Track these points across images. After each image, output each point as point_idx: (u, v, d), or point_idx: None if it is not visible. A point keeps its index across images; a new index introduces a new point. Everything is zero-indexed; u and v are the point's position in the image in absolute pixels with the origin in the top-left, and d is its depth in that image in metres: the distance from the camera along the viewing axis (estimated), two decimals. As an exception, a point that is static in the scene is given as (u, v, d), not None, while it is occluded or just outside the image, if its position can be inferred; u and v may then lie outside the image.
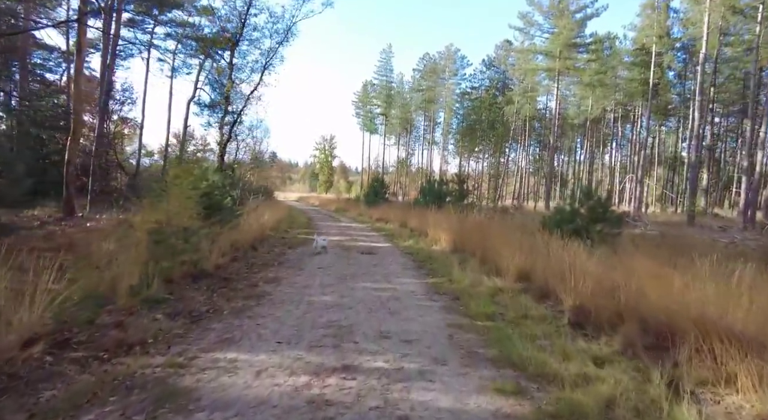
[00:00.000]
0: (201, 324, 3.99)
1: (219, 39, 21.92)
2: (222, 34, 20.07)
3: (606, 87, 30.63)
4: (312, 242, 10.25)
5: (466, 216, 11.10)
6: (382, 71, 46.47)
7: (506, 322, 4.31)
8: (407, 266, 7.35)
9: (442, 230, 10.43)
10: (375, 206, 22.94)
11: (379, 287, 5.58)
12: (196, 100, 27.86)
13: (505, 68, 41.19)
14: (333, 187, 67.76)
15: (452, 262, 7.56)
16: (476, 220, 10.32)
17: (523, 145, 44.72)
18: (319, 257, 7.95)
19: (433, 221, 11.80)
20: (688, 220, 17.35)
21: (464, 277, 6.10)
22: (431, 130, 48.94)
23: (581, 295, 4.38)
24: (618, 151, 37.76)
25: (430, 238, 10.64)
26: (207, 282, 5.66)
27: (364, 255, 8.41)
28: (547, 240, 6.49)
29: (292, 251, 8.73)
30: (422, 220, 13.19)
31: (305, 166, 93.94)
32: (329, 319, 4.14)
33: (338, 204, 31.83)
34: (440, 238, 10.13)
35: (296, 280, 5.90)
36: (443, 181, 16.89)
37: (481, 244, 7.83)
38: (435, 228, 10.91)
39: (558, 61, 27.55)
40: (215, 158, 27.46)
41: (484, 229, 8.84)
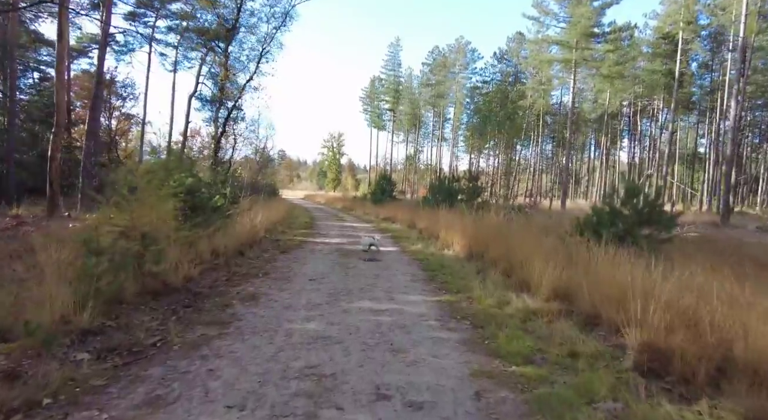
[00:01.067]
0: (134, 368, 2.93)
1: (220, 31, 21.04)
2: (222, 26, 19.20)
3: (624, 79, 29.10)
4: (309, 245, 9.18)
5: (481, 216, 9.94)
6: (390, 66, 45.30)
7: (550, 364, 3.18)
8: (416, 277, 6.22)
9: (455, 233, 9.29)
10: (382, 205, 21.84)
11: (380, 308, 4.47)
12: (198, 95, 27.03)
13: (518, 61, 39.77)
14: (341, 185, 66.88)
15: (469, 273, 6.43)
16: (494, 221, 9.16)
17: (535, 142, 43.27)
18: (313, 265, 6.86)
19: (444, 222, 10.66)
20: (722, 219, 15.96)
21: (486, 294, 4.97)
22: (440, 126, 47.70)
23: (649, 327, 3.23)
24: (637, 146, 36.04)
25: (442, 242, 9.50)
26: (170, 300, 4.61)
27: (365, 262, 7.30)
28: (586, 247, 5.34)
29: (285, 257, 7.66)
30: (432, 221, 12.05)
31: (314, 165, 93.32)
32: (308, 362, 3.04)
33: (344, 202, 30.79)
34: (453, 242, 8.99)
35: (279, 298, 4.81)
36: (454, 178, 15.72)
37: (503, 250, 6.68)
38: (447, 230, 9.77)
39: (575, 51, 26.11)
40: (226, 157, 26.60)
41: (505, 233, 7.68)
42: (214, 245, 7.18)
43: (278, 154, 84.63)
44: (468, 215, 10.63)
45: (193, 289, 5.09)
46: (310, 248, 8.83)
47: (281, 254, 7.96)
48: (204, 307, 4.43)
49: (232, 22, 13.25)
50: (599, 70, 27.11)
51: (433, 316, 4.25)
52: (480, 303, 4.74)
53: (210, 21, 21.70)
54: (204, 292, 5.01)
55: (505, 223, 9.13)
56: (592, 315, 4.14)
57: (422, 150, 55.25)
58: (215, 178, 11.09)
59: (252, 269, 6.44)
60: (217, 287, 5.32)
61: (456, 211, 13.05)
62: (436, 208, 13.89)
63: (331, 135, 71.70)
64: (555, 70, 35.77)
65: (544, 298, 4.83)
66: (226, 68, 13.32)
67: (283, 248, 8.67)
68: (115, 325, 3.72)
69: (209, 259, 6.67)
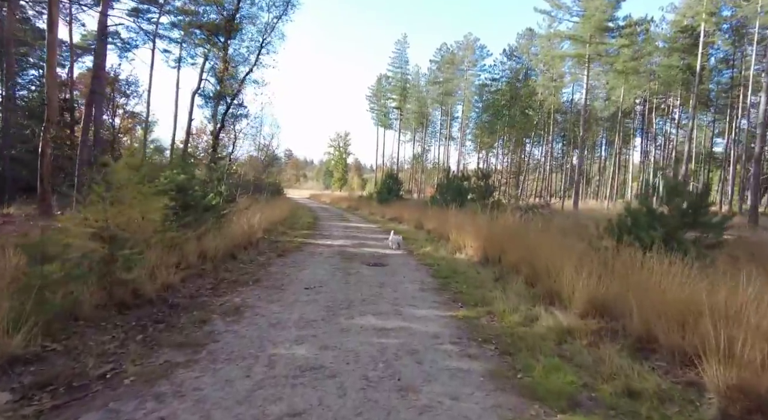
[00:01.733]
0: (65, 414, 2.25)
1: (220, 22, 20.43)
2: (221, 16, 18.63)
3: (639, 75, 28.11)
4: (309, 247, 8.51)
5: (495, 217, 9.19)
6: (397, 63, 44.53)
7: (603, 409, 2.45)
8: (426, 285, 5.50)
9: (467, 234, 8.55)
10: (388, 204, 21.14)
11: (386, 327, 3.76)
12: (201, 92, 26.62)
13: (528, 58, 38.80)
14: (347, 184, 66.30)
15: (486, 281, 5.69)
16: (509, 222, 8.40)
17: (545, 140, 42.30)
18: (311, 271, 6.16)
19: (454, 223, 9.93)
20: (750, 221, 15.04)
21: (509, 308, 4.24)
22: (448, 124, 46.86)
23: (739, 362, 2.48)
24: (651, 144, 34.87)
25: (453, 244, 8.77)
26: (140, 313, 3.94)
27: (370, 267, 6.59)
28: (629, 253, 4.58)
29: (281, 261, 6.97)
30: (441, 221, 11.32)
31: (320, 164, 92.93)
32: (291, 407, 2.33)
33: (350, 202, 30.14)
34: (465, 245, 8.25)
35: (267, 312, 4.12)
36: (464, 176, 14.96)
37: (524, 255, 5.94)
38: (458, 231, 9.04)
39: (588, 46, 25.19)
40: (225, 153, 26.06)
41: (524, 235, 6.93)
42: (203, 248, 6.52)
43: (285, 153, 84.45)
44: (480, 216, 9.90)
45: (170, 299, 4.41)
46: (310, 251, 8.15)
47: (278, 258, 7.27)
48: (178, 323, 3.75)
49: (232, 12, 12.62)
50: (613, 65, 26.15)
51: (449, 338, 3.53)
52: (504, 319, 4.01)
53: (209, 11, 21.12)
54: (182, 304, 4.33)
55: (522, 225, 8.38)
56: (644, 337, 3.39)
57: (429, 149, 54.53)
58: (211, 175, 10.46)
59: (243, 275, 5.76)
60: (199, 297, 4.64)
61: (466, 211, 12.32)
62: (445, 207, 13.17)
63: (337, 134, 71.21)
64: (566, 67, 34.86)
65: (578, 313, 4.09)
66: (225, 61, 12.68)
67: (281, 251, 7.99)
68: (61, 349, 3.04)
69: (196, 263, 6.01)
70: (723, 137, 38.97)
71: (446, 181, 14.79)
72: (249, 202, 11.45)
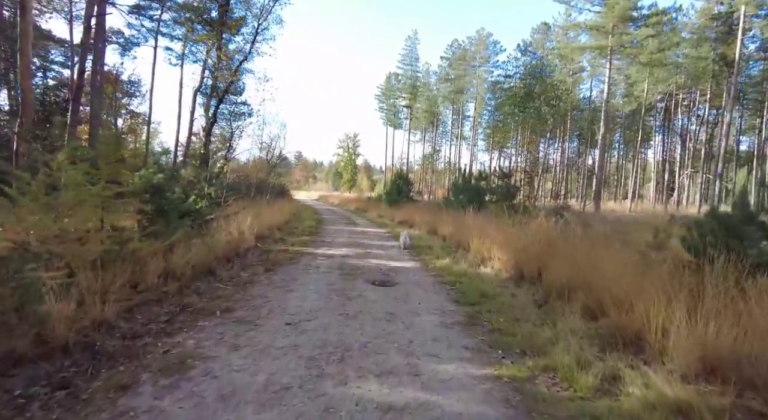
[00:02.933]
0: None
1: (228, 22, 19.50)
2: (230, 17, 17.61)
3: (665, 68, 26.41)
4: (306, 258, 7.27)
5: (522, 222, 7.84)
6: (407, 60, 43.21)
7: None
8: (449, 316, 4.18)
9: (491, 243, 7.22)
10: (398, 206, 19.85)
11: (395, 403, 2.44)
12: (203, 90, 25.71)
13: (543, 53, 37.21)
14: (356, 185, 65.19)
15: (527, 309, 4.36)
16: (543, 228, 7.04)
17: (560, 139, 40.61)
18: (301, 293, 4.87)
19: (475, 228, 8.60)
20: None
21: (575, 362, 2.91)
22: (459, 124, 45.36)
23: None
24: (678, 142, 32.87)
25: (475, 254, 7.44)
26: (37, 373, 2.70)
27: (375, 287, 5.29)
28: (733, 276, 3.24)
29: (268, 278, 5.70)
30: (458, 226, 9.99)
31: (330, 166, 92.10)
32: None
33: (358, 203, 28.91)
34: (491, 256, 6.92)
35: (224, 367, 2.84)
36: (481, 175, 13.59)
37: (573, 272, 4.60)
38: (480, 238, 7.71)
39: (610, 37, 23.60)
40: (221, 152, 25.01)
41: (570, 246, 5.58)
42: (171, 263, 5.30)
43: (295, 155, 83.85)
44: (507, 220, 8.56)
45: (94, 345, 3.17)
46: (306, 263, 6.88)
47: (265, 273, 6.01)
48: (87, 390, 2.51)
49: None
50: (636, 58, 24.50)
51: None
52: (573, 384, 2.67)
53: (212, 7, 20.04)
54: (111, 351, 3.09)
55: (558, 232, 7.01)
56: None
57: (440, 149, 53.11)
58: (198, 175, 9.27)
59: (213, 301, 4.51)
60: (141, 338, 3.39)
61: (487, 214, 10.96)
62: (461, 210, 11.84)
63: (346, 135, 70.10)
64: (584, 61, 33.26)
65: (681, 370, 2.75)
66: (219, 49, 11.52)
67: (271, 263, 6.73)
68: None
69: (157, 284, 4.77)
70: (748, 134, 36.93)
71: (462, 181, 13.43)
72: (244, 205, 10.24)
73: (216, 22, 17.75)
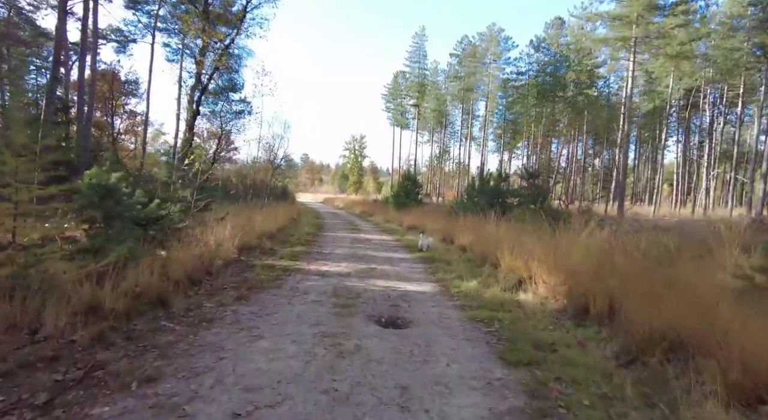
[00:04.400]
0: None
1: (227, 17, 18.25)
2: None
3: (692, 61, 24.61)
4: (294, 278, 5.76)
5: (564, 231, 6.25)
6: (414, 57, 41.67)
7: None
8: (500, 399, 2.61)
9: (530, 258, 5.66)
10: (406, 210, 18.33)
11: None
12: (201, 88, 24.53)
13: (557, 49, 35.53)
14: (362, 188, 63.79)
15: (614, 374, 2.80)
16: (600, 241, 5.46)
17: (574, 138, 38.85)
18: (271, 343, 3.32)
19: (504, 238, 7.05)
20: None
21: None
22: (469, 123, 43.71)
23: None
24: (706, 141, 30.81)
25: (508, 273, 5.88)
26: None
27: (380, 330, 3.75)
28: None
29: (234, 313, 4.18)
30: (480, 235, 8.44)
31: (336, 168, 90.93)
32: None
33: (364, 206, 27.41)
34: (531, 275, 5.34)
35: None
36: (501, 175, 12.01)
37: (683, 315, 3.04)
38: (513, 252, 6.15)
39: (634, 27, 21.89)
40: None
41: (654, 270, 4.01)
42: (100, 294, 3.81)
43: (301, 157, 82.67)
44: (540, 228, 7.00)
45: None
46: (292, 286, 5.36)
47: (235, 303, 4.50)
48: None
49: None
50: (663, 50, 22.73)
51: None
52: None
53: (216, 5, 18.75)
54: None
55: (620, 245, 5.42)
56: None
57: (448, 150, 51.54)
58: (171, 175, 7.81)
59: (139, 358, 3.00)
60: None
61: (511, 220, 9.40)
62: (479, 215, 10.28)
63: (353, 137, 68.76)
64: (601, 57, 31.56)
65: None
66: (204, 30, 10.11)
67: (248, 286, 5.23)
68: None
69: (61, 328, 3.28)
70: None
71: (479, 181, 11.86)
72: (230, 210, 8.78)
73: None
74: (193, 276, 5.38)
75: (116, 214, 5.54)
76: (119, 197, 5.66)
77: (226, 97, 23.55)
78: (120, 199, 5.66)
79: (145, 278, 4.37)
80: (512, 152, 47.89)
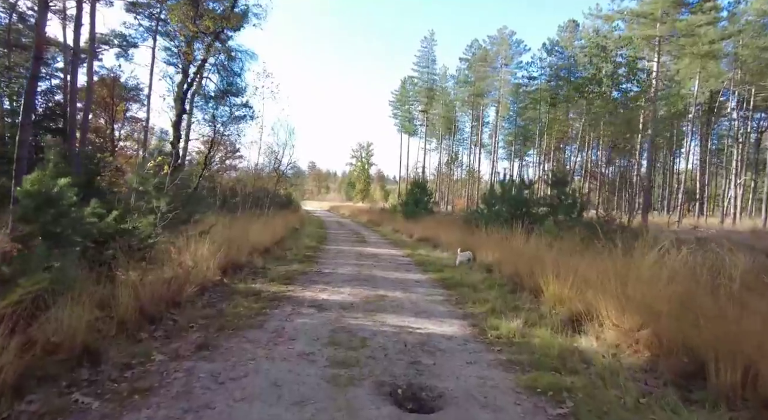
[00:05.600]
0: None
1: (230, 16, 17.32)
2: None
3: (717, 61, 23.21)
4: (283, 310, 4.50)
5: (633, 252, 4.93)
6: (423, 62, 40.67)
7: None
8: None
9: (585, 286, 4.37)
10: (416, 219, 17.05)
11: None
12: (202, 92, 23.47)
13: (571, 53, 34.28)
14: (369, 195, 62.70)
15: None
16: (681, 266, 4.15)
17: (589, 144, 37.37)
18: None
19: (543, 258, 5.75)
20: None
21: None
22: (479, 130, 42.43)
23: None
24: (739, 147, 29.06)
25: (554, 306, 4.58)
26: None
27: (398, 414, 2.47)
28: None
29: (187, 375, 2.93)
30: (508, 251, 7.16)
31: (343, 176, 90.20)
32: None
33: (371, 215, 26.19)
34: (590, 311, 4.03)
35: None
36: (524, 182, 10.72)
37: None
38: (559, 276, 4.85)
39: (659, 26, 20.62)
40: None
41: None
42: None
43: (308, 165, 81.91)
44: (587, 246, 5.72)
45: None
46: (276, 326, 4.10)
47: (194, 355, 3.26)
48: None
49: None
50: (689, 49, 21.38)
51: None
52: None
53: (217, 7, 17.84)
54: None
55: (707, 270, 4.11)
56: None
57: (457, 158, 50.30)
58: (142, 180, 6.62)
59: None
60: None
61: (538, 233, 8.09)
62: (500, 226, 8.99)
63: (359, 145, 67.89)
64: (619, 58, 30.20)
65: None
66: (192, 22, 9.02)
67: (219, 326, 3.98)
68: None
69: None
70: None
71: (500, 188, 10.58)
72: (209, 224, 7.59)
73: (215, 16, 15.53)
74: (152, 310, 4.17)
75: (59, 229, 4.36)
76: (64, 208, 4.49)
77: (227, 101, 22.62)
78: (64, 210, 4.49)
79: (72, 321, 3.15)
80: (522, 160, 46.57)
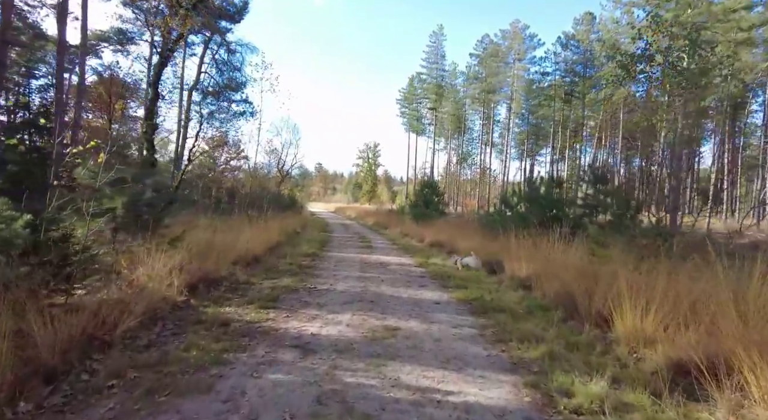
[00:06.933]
0: None
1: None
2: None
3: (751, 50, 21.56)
4: (254, 353, 3.11)
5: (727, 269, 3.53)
6: (432, 58, 39.27)
7: None
8: None
9: (678, 319, 2.97)
10: (426, 222, 15.67)
11: None
12: (198, 87, 22.42)
13: (588, 47, 32.74)
14: (375, 197, 61.40)
15: None
16: None
17: (606, 142, 35.75)
18: None
19: (610, 276, 4.36)
20: None
21: None
22: (489, 129, 40.84)
23: None
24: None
25: (635, 346, 3.19)
26: None
27: None
28: None
29: None
30: (548, 263, 5.75)
31: (349, 177, 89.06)
32: None
33: (377, 217, 24.78)
34: (709, 367, 2.65)
35: None
36: (554, 180, 9.29)
37: None
38: (636, 303, 3.46)
39: (689, 10, 19.04)
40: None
41: None
42: None
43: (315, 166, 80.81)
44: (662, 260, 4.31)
45: None
46: (231, 390, 2.73)
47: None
48: None
49: None
50: (723, 35, 19.79)
51: None
52: None
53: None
54: None
55: None
56: None
57: (471, 155, 48.75)
58: (92, 175, 5.34)
59: None
60: None
61: (580, 240, 6.65)
62: (531, 231, 7.57)
63: (366, 145, 66.63)
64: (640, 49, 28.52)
65: None
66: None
67: (147, 389, 2.65)
68: None
69: None
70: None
71: (528, 188, 9.15)
72: (181, 229, 6.29)
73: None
74: (58, 359, 2.85)
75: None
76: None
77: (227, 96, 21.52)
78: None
79: None
80: (534, 159, 44.91)
